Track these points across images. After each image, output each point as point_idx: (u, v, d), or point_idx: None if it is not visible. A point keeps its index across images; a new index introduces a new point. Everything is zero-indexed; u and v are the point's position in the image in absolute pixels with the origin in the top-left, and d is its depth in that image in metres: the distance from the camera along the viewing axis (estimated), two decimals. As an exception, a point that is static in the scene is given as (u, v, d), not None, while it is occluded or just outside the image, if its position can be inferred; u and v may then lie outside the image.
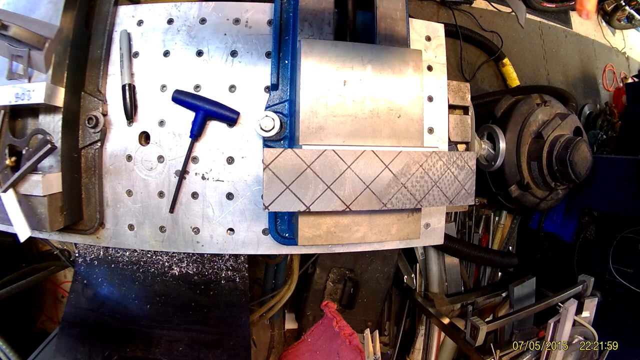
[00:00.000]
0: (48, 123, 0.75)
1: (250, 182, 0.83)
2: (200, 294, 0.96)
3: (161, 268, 0.96)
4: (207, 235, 0.84)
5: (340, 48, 0.73)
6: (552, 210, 1.93)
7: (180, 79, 0.84)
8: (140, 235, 0.85)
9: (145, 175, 0.84)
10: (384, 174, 0.66)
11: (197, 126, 0.81)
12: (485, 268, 1.99)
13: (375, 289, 1.55)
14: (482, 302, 1.76)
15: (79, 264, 0.96)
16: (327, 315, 1.14)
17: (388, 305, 1.77)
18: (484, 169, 1.38)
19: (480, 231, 2.02)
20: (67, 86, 0.75)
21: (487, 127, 1.41)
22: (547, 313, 1.34)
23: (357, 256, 1.50)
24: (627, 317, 1.66)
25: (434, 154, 0.69)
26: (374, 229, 0.72)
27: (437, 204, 0.69)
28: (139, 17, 0.86)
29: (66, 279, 1.54)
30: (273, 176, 0.61)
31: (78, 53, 0.80)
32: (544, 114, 1.56)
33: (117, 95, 0.84)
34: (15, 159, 0.72)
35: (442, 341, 1.69)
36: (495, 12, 2.60)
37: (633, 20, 3.34)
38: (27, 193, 0.71)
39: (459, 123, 0.97)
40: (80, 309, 0.94)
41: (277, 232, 0.82)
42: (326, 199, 0.63)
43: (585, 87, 3.03)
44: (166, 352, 0.93)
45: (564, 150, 1.46)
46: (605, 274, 1.77)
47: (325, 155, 0.63)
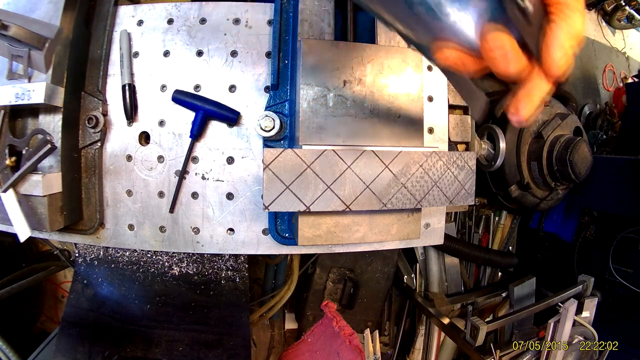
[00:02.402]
0: (48, 123, 0.75)
1: (250, 182, 0.83)
2: (200, 294, 0.96)
3: (161, 268, 0.96)
4: (207, 235, 0.84)
5: (340, 48, 0.73)
6: (552, 210, 1.93)
7: (180, 79, 0.84)
8: (140, 235, 0.85)
9: (145, 175, 0.84)
10: (384, 174, 0.66)
11: (197, 126, 0.81)
12: (485, 268, 1.99)
13: (375, 289, 1.55)
14: (482, 302, 1.76)
15: (79, 264, 0.96)
16: (327, 315, 1.14)
17: (388, 305, 1.77)
18: (484, 169, 1.38)
19: (480, 231, 2.02)
20: (67, 86, 0.75)
21: (487, 127, 1.41)
22: (547, 313, 1.34)
23: (357, 256, 1.50)
24: (627, 317, 1.66)
25: (434, 154, 0.69)
26: (374, 229, 0.72)
27: (437, 204, 0.69)
28: (139, 17, 0.86)
29: (66, 279, 1.54)
30: (273, 176, 0.61)
31: (78, 53, 0.80)
32: (544, 114, 1.56)
33: (117, 95, 0.84)
34: (15, 159, 0.72)
35: (442, 341, 1.69)
36: (495, 12, 2.59)
37: (633, 20, 3.34)
38: (27, 193, 0.71)
39: (459, 123, 0.97)
40: (80, 309, 0.94)
41: (277, 232, 0.82)
42: (326, 199, 0.63)
43: (585, 87, 3.03)
44: (166, 352, 0.93)
45: (564, 150, 1.46)
46: (605, 274, 1.77)
47: (325, 155, 0.63)
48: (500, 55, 0.36)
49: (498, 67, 0.38)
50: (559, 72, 0.37)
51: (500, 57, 0.37)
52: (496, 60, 0.37)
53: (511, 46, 0.36)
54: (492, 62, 0.37)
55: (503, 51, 0.36)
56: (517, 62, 0.37)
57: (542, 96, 0.40)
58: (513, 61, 0.36)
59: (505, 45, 0.36)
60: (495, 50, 0.37)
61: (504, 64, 0.37)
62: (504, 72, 0.38)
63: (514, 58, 0.36)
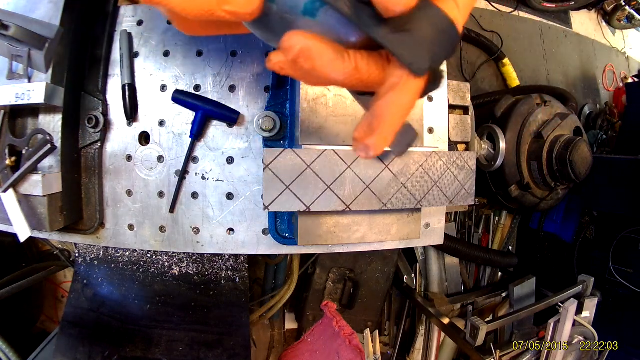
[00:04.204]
0: (48, 123, 0.75)
1: (250, 182, 0.83)
2: (200, 294, 0.96)
3: (161, 268, 0.96)
4: (207, 235, 0.84)
5: (340, 48, 0.73)
6: (552, 210, 1.93)
7: (180, 79, 0.84)
8: (140, 235, 0.85)
9: (145, 175, 0.84)
10: (384, 174, 0.66)
11: (197, 126, 0.81)
12: (485, 268, 1.99)
13: (375, 289, 1.55)
14: (482, 302, 1.76)
15: (79, 264, 0.96)
16: (327, 315, 1.14)
17: (388, 305, 1.77)
18: (484, 169, 1.38)
19: (480, 231, 2.02)
20: (67, 86, 0.75)
21: (487, 127, 1.41)
22: (547, 313, 1.34)
23: (357, 256, 1.50)
24: (627, 317, 1.66)
25: (434, 154, 0.69)
26: (374, 229, 0.72)
27: (437, 204, 0.69)
28: (139, 17, 0.86)
29: (66, 279, 1.54)
30: (273, 176, 0.61)
31: (78, 53, 0.80)
32: (544, 114, 1.56)
33: (117, 95, 0.84)
34: (15, 159, 0.72)
35: (442, 341, 1.69)
36: (495, 12, 2.60)
37: (633, 20, 3.34)
38: (27, 193, 0.71)
39: (459, 123, 0.97)
40: (80, 309, 0.94)
41: (277, 232, 0.82)
42: (326, 199, 0.63)
43: (585, 87, 3.03)
44: (166, 352, 0.93)
45: (564, 150, 1.46)
46: (605, 274, 1.77)
47: (325, 155, 0.63)
48: (304, 61, 0.27)
49: (314, 76, 0.28)
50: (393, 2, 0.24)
51: (305, 63, 0.27)
52: (303, 67, 0.28)
53: (312, 44, 0.27)
54: (302, 70, 0.28)
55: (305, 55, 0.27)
56: (330, 62, 0.27)
57: (406, 107, 0.28)
58: (324, 62, 0.27)
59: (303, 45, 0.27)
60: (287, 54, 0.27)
61: (313, 70, 0.28)
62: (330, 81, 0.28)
63: (324, 59, 0.27)
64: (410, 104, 0.28)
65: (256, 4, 0.28)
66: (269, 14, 0.29)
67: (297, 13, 0.28)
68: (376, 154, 0.30)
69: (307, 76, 0.30)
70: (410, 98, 0.28)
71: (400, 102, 0.27)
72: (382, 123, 0.28)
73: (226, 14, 0.27)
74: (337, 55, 0.27)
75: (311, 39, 0.27)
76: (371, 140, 0.29)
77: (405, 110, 0.28)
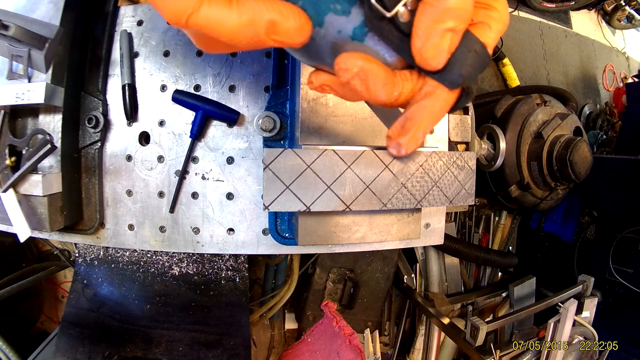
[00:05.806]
0: (48, 123, 0.75)
1: (250, 182, 0.83)
2: (200, 294, 0.96)
3: (161, 268, 0.96)
4: (207, 235, 0.84)
5: (340, 48, 0.73)
6: (552, 210, 1.93)
7: (180, 79, 0.84)
8: (140, 235, 0.85)
9: (145, 175, 0.84)
10: (384, 174, 0.66)
11: (197, 126, 0.81)
12: (485, 268, 1.99)
13: (375, 289, 1.55)
14: (482, 302, 1.76)
15: (79, 264, 0.96)
16: (327, 315, 1.14)
17: (388, 305, 1.77)
18: (484, 169, 1.38)
19: (480, 231, 2.02)
20: (67, 86, 0.75)
21: (487, 127, 1.41)
22: (547, 313, 1.34)
23: (357, 256, 1.50)
24: (627, 317, 1.66)
25: (434, 154, 0.69)
26: (374, 229, 0.72)
27: (437, 204, 0.69)
28: (139, 17, 0.86)
29: (66, 279, 1.54)
30: (273, 176, 0.61)
31: (78, 53, 0.80)
32: (544, 114, 1.56)
33: (117, 95, 0.84)
34: (15, 159, 0.72)
35: (442, 341, 1.69)
36: (495, 12, 2.59)
37: (633, 20, 3.34)
38: (27, 193, 0.71)
39: (459, 123, 0.97)
40: (80, 309, 0.94)
41: (277, 232, 0.82)
42: (326, 199, 0.63)
43: (585, 87, 3.04)
44: (166, 352, 0.93)
45: (564, 150, 1.46)
46: (605, 274, 1.77)
47: (325, 155, 0.63)
48: (359, 82, 0.28)
49: (362, 96, 0.29)
50: (432, 61, 0.26)
51: (359, 84, 0.28)
52: (355, 88, 0.29)
53: (370, 68, 0.28)
54: (353, 90, 0.29)
55: (361, 77, 0.28)
56: (383, 86, 0.28)
57: (437, 114, 0.30)
58: (378, 85, 0.28)
59: (361, 68, 0.28)
60: (343, 75, 0.28)
61: (366, 91, 0.29)
62: (375, 101, 0.29)
63: (378, 82, 0.28)
64: (441, 111, 0.30)
65: (307, 34, 0.29)
66: (315, 38, 0.30)
67: (346, 38, 0.29)
68: (407, 152, 0.32)
69: (353, 95, 0.32)
70: (441, 106, 0.30)
71: (432, 108, 0.30)
72: (414, 125, 0.31)
73: (275, 43, 0.28)
74: (389, 78, 0.29)
75: (370, 61, 0.28)
76: (403, 139, 0.31)
77: (436, 116, 0.30)
